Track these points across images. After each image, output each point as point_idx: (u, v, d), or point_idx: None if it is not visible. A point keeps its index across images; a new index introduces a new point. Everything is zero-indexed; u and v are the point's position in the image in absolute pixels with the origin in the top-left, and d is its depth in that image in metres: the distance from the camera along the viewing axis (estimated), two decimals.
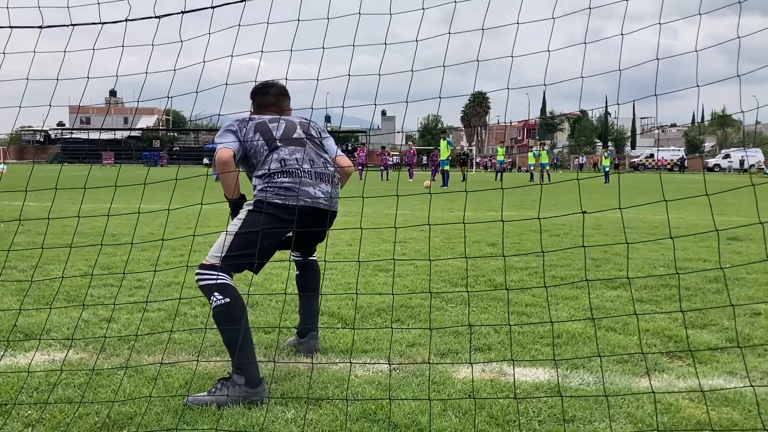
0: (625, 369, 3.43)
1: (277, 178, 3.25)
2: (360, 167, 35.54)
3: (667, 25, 2.79)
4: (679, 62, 2.87)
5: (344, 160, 3.65)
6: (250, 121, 3.41)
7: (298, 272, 3.74)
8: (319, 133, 3.60)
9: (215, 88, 3.01)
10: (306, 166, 3.32)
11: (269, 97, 3.64)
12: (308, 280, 3.71)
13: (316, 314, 3.74)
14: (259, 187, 3.26)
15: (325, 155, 3.50)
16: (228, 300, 2.99)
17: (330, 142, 3.64)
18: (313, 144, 3.47)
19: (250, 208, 3.22)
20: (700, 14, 2.75)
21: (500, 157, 34.29)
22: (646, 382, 3.21)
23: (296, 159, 3.32)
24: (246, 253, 3.10)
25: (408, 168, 33.98)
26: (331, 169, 3.46)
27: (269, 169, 3.26)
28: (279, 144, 3.34)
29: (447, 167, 25.60)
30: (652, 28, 2.75)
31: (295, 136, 3.43)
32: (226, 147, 3.22)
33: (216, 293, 2.99)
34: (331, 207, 3.38)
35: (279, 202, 3.19)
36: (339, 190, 3.50)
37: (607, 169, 32.58)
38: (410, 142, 43.43)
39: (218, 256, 3.08)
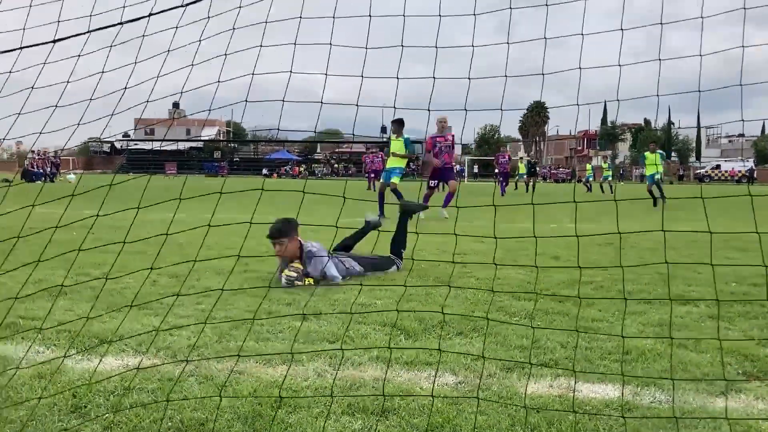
0: (699, 387, 3.31)
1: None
2: (372, 174, 35.38)
3: (737, 32, 2.72)
4: (746, 70, 2.77)
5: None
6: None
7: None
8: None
9: (274, 101, 3.15)
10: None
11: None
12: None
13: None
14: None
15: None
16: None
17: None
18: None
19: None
20: None
21: (521, 171, 36.99)
22: (722, 401, 3.10)
23: None
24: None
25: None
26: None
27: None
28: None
29: (397, 179, 14.17)
30: (721, 36, 2.69)
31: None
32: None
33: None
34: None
35: None
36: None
37: (657, 176, 20.48)
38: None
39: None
